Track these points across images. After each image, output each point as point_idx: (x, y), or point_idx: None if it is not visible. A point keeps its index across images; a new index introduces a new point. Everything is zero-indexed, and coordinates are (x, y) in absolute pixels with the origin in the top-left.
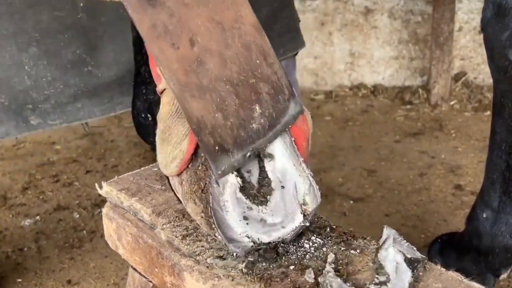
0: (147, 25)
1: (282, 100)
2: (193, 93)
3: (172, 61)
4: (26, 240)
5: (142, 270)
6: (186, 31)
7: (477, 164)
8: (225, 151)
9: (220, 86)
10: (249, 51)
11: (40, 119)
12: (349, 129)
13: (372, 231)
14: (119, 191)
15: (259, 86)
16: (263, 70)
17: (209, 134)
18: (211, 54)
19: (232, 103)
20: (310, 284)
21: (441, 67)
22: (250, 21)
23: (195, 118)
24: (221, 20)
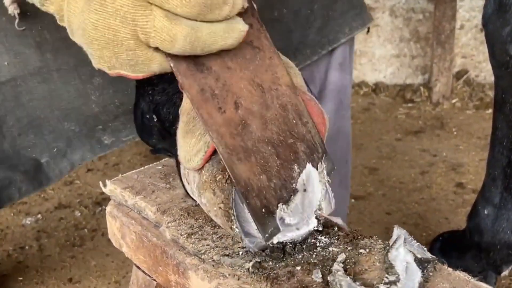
0: (196, 89)
1: (316, 158)
2: (240, 156)
3: (220, 125)
4: (27, 239)
5: (146, 269)
6: (231, 94)
7: (478, 162)
8: (271, 212)
9: (262, 147)
10: (286, 111)
11: (113, 137)
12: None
13: (374, 229)
14: (123, 189)
15: (297, 146)
16: (299, 130)
17: (256, 196)
18: (253, 116)
19: (274, 164)
20: (317, 284)
21: (443, 65)
22: (285, 81)
23: (243, 181)
24: (260, 82)
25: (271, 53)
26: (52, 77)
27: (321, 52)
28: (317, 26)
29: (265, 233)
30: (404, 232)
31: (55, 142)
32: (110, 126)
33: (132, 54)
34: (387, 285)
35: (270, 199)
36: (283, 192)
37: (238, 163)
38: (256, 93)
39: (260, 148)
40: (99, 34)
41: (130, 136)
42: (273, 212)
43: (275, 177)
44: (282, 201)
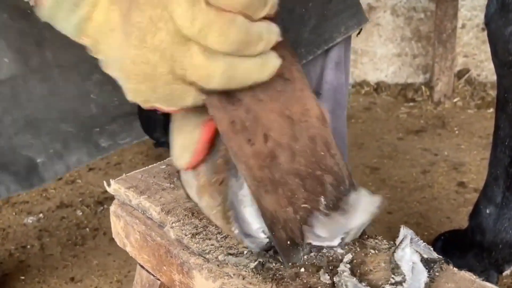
0: (227, 122)
1: (343, 191)
2: (267, 188)
3: (249, 157)
4: (29, 238)
5: (150, 268)
6: (261, 126)
7: (480, 162)
8: (296, 244)
9: (290, 179)
10: (314, 144)
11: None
12: (352, 126)
13: (375, 229)
14: (127, 189)
15: (324, 178)
16: (327, 162)
17: (282, 228)
18: (282, 148)
19: (301, 196)
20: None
21: (444, 64)
22: (315, 113)
23: (269, 213)
24: (290, 114)
25: (302, 85)
26: (53, 74)
27: (316, 51)
28: (312, 25)
29: (288, 263)
30: (411, 232)
31: (52, 143)
32: (107, 129)
33: (168, 88)
34: (393, 285)
35: (295, 231)
36: None
37: (265, 195)
38: (285, 125)
39: (288, 180)
40: (137, 69)
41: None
42: (298, 244)
43: (301, 210)
44: None
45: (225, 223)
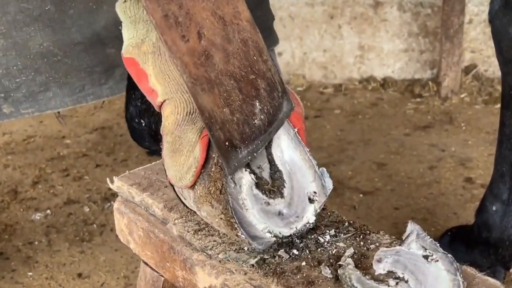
0: (160, 15)
1: (276, 97)
2: (203, 86)
3: (184, 53)
4: (36, 234)
5: (154, 265)
6: (194, 24)
7: (487, 157)
8: (234, 146)
9: (225, 80)
10: (247, 47)
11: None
12: (359, 122)
13: (382, 225)
14: (130, 186)
15: (258, 82)
16: (260, 66)
17: (220, 129)
18: (216, 48)
19: (237, 98)
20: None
21: (451, 59)
22: (246, 16)
23: (207, 112)
24: (222, 15)
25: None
26: None
27: None
28: None
29: (229, 166)
30: (418, 228)
31: None
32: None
33: None
34: (397, 280)
35: (233, 133)
36: (245, 128)
37: (202, 93)
38: (218, 25)
39: (223, 81)
40: None
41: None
42: (236, 146)
43: (238, 112)
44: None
45: (229, 229)
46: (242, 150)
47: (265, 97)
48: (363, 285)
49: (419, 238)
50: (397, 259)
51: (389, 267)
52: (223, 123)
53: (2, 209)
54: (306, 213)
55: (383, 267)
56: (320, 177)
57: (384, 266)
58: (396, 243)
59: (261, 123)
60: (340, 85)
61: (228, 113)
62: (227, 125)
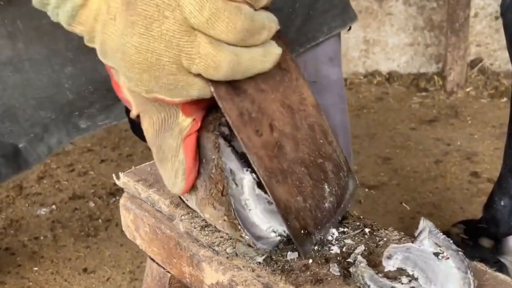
0: (236, 113)
1: (343, 177)
2: (278, 178)
3: (259, 148)
4: (42, 229)
5: (160, 261)
6: (266, 117)
7: (493, 151)
8: (309, 233)
9: (296, 168)
10: (313, 132)
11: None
12: (364, 116)
13: (388, 219)
14: (137, 181)
15: (325, 165)
16: (326, 149)
17: (295, 218)
18: (287, 137)
19: (307, 184)
20: (333, 276)
21: (457, 53)
22: (311, 102)
23: (283, 203)
24: (290, 104)
25: (297, 74)
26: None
27: (299, 49)
28: (297, 25)
29: (305, 254)
30: (430, 225)
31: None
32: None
33: (173, 78)
34: (410, 277)
35: (307, 220)
36: (317, 213)
37: (277, 185)
38: (287, 115)
39: (295, 169)
40: (141, 58)
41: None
42: (310, 233)
43: (309, 198)
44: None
45: (234, 231)
46: (316, 236)
47: (333, 179)
48: (376, 283)
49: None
50: (407, 256)
51: (399, 264)
52: (298, 212)
53: (8, 205)
54: None
55: (393, 264)
56: None
57: (394, 263)
58: (405, 239)
59: (330, 205)
60: (345, 79)
61: (301, 201)
62: (301, 213)
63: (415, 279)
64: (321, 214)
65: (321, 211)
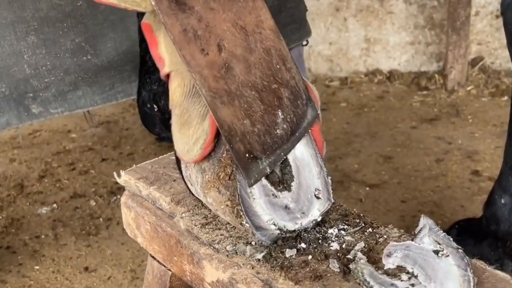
0: (178, 30)
1: (301, 105)
2: (223, 99)
3: (203, 67)
4: (43, 228)
5: (161, 259)
6: (214, 36)
7: (494, 150)
8: (254, 158)
9: (246, 92)
10: (269, 56)
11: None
12: (365, 115)
13: (389, 218)
14: (138, 179)
15: (280, 91)
16: (283, 75)
17: (240, 141)
18: (237, 59)
19: (258, 109)
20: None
21: (458, 52)
22: (269, 25)
23: (226, 125)
24: (244, 25)
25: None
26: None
27: None
28: None
29: (249, 178)
30: (430, 222)
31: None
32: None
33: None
34: (409, 274)
35: (254, 144)
36: (267, 138)
37: (221, 106)
38: (239, 36)
39: (244, 92)
40: None
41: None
42: (256, 158)
43: (259, 123)
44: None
45: (234, 217)
46: (263, 161)
47: (288, 106)
48: (375, 280)
49: (431, 232)
50: (407, 254)
51: (398, 262)
52: (243, 135)
53: (9, 203)
54: (312, 210)
55: (393, 262)
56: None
57: (393, 260)
58: (405, 236)
59: (283, 132)
60: (346, 78)
61: (249, 124)
62: (248, 136)
63: (414, 276)
64: (271, 140)
65: (272, 137)
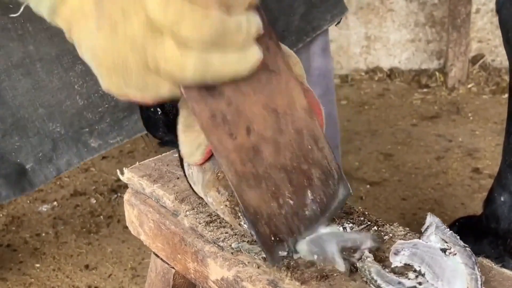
0: (207, 115)
1: (332, 185)
2: (250, 183)
3: (230, 151)
4: (43, 226)
5: (165, 257)
6: (243, 119)
7: (495, 147)
8: (280, 241)
9: (274, 174)
10: (301, 136)
11: (100, 140)
12: (365, 113)
13: (389, 215)
14: (141, 177)
15: (311, 172)
16: (314, 155)
17: (265, 224)
18: (266, 141)
19: (286, 191)
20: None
21: (458, 49)
22: (301, 105)
23: (252, 208)
24: (275, 107)
25: (287, 76)
26: (35, 68)
27: (306, 38)
28: (301, 13)
29: (273, 261)
30: (437, 220)
31: (41, 145)
32: (96, 128)
33: (141, 80)
34: (416, 273)
35: (280, 227)
36: (295, 220)
37: (248, 190)
38: (270, 118)
39: (272, 174)
40: (109, 59)
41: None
42: (282, 240)
43: (287, 205)
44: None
45: (233, 217)
46: (289, 243)
47: (318, 186)
48: (382, 278)
49: (438, 231)
50: (414, 252)
51: (406, 260)
52: (270, 218)
53: (9, 201)
54: None
55: (400, 260)
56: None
57: (401, 258)
58: (410, 235)
59: (312, 213)
60: (346, 75)
61: (276, 207)
62: (274, 219)
63: (422, 274)
64: (299, 221)
65: (299, 219)
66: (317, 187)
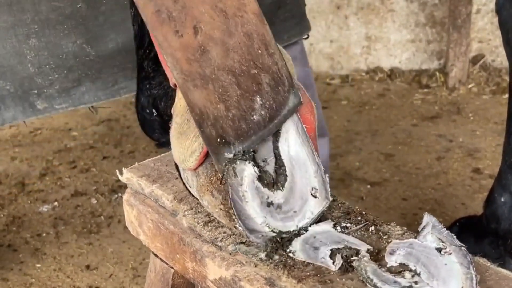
0: (151, 10)
1: (282, 92)
2: (196, 82)
3: (176, 49)
4: (44, 226)
5: (164, 257)
6: (190, 18)
7: (495, 148)
8: (227, 143)
9: (222, 76)
10: (251, 40)
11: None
12: (366, 113)
13: (390, 215)
14: (140, 177)
15: (260, 77)
16: (264, 60)
17: (211, 125)
18: (214, 42)
19: (234, 93)
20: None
21: (459, 50)
22: (252, 9)
23: (198, 108)
24: (224, 8)
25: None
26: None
27: None
28: None
29: (220, 163)
30: (434, 220)
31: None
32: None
33: None
34: (412, 272)
35: (227, 129)
36: (242, 124)
37: (193, 89)
38: (218, 19)
39: (220, 76)
40: None
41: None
42: (229, 143)
43: (234, 107)
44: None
45: (228, 220)
46: (236, 146)
47: (268, 92)
48: (378, 277)
49: (435, 230)
50: (409, 252)
51: (401, 260)
52: (216, 120)
53: (10, 201)
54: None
55: (395, 260)
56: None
57: (396, 258)
58: (407, 234)
59: (260, 118)
60: (347, 76)
61: (223, 109)
62: (221, 121)
63: (417, 274)
64: (247, 126)
65: (247, 123)
66: (266, 93)
